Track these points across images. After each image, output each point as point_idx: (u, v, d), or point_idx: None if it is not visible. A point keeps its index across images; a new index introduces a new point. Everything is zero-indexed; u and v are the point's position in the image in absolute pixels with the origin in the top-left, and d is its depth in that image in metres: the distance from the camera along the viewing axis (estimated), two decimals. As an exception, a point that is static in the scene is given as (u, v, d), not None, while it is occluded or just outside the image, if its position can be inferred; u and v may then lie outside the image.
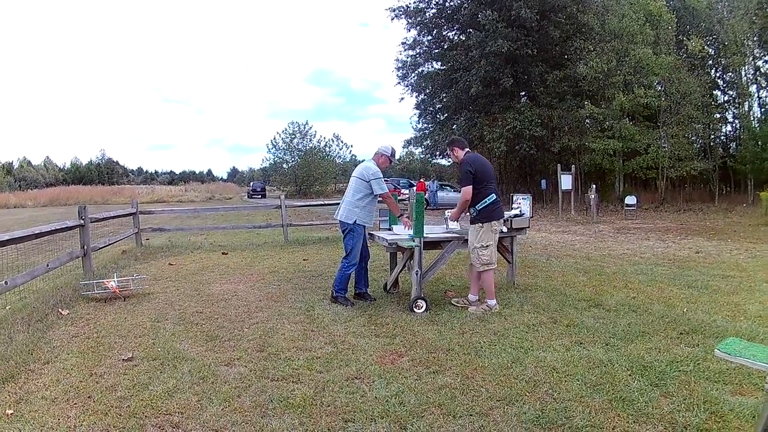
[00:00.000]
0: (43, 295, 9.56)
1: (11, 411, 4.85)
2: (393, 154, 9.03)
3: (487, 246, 7.92)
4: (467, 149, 8.36)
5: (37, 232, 9.56)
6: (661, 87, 33.81)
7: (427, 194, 8.81)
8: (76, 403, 4.98)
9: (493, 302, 7.95)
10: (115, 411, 4.79)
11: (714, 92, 36.69)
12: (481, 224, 7.95)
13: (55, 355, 6.38)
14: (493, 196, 7.97)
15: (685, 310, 7.79)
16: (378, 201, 9.03)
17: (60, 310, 8.45)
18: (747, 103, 34.82)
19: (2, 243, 8.24)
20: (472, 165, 7.96)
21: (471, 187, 7.85)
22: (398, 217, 9.05)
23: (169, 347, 6.48)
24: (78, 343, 6.84)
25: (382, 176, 8.76)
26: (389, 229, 9.43)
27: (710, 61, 37.18)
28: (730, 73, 36.24)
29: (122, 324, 7.64)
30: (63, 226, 10.76)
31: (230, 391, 5.12)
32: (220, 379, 5.43)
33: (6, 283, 8.00)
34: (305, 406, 4.78)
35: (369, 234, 9.41)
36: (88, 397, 5.10)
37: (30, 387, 5.40)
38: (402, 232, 8.82)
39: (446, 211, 8.93)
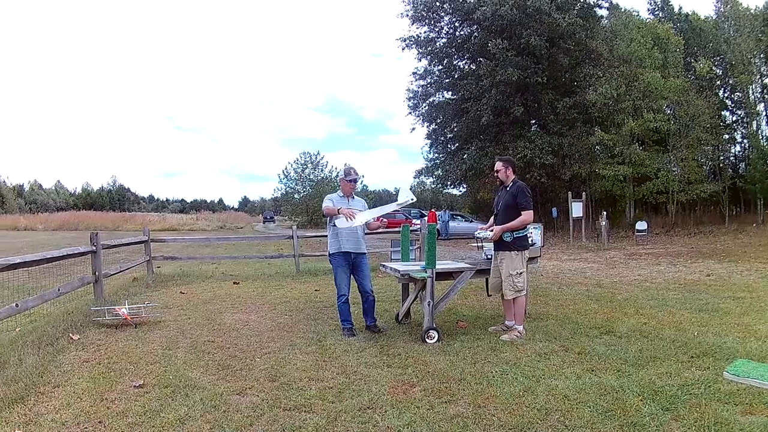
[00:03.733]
0: (53, 319, 9.60)
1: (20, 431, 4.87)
2: (347, 173, 8.94)
3: (521, 273, 8.03)
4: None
5: (48, 256, 9.62)
6: (670, 110, 33.93)
7: (438, 224, 8.72)
8: (86, 428, 4.99)
9: (521, 327, 8.02)
10: (126, 437, 4.77)
11: (722, 113, 36.82)
12: (517, 251, 8.06)
13: (66, 379, 6.39)
14: (529, 228, 8.20)
15: (695, 334, 7.82)
16: (369, 230, 9.00)
17: (71, 334, 8.47)
18: (755, 122, 35.06)
19: (15, 266, 8.30)
20: (530, 192, 8.21)
21: (532, 211, 8.04)
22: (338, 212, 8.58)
23: (180, 375, 6.46)
24: (89, 368, 6.85)
25: (327, 198, 8.84)
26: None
27: (718, 82, 37.41)
28: (738, 93, 36.51)
29: (133, 351, 7.64)
30: (75, 252, 10.80)
31: (242, 420, 5.10)
32: (232, 407, 5.40)
33: (17, 305, 8.06)
34: (318, 435, 4.74)
35: (381, 265, 9.40)
36: (99, 421, 5.11)
37: (40, 409, 5.42)
38: (345, 224, 8.46)
39: (479, 231, 8.76)
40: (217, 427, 4.95)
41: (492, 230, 8.24)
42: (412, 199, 8.93)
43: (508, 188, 8.26)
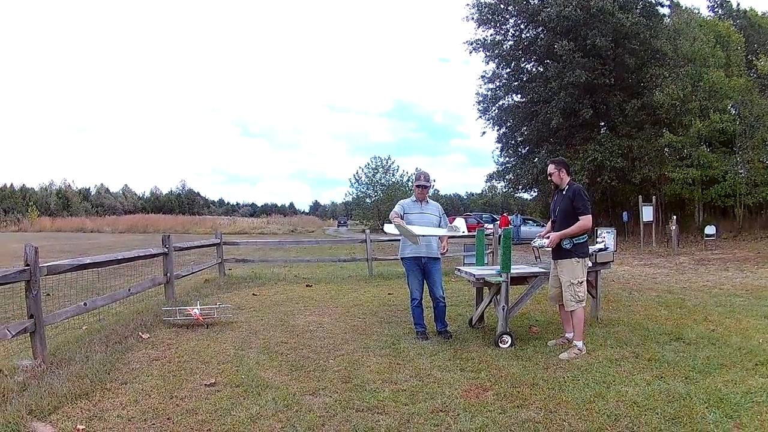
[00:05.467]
0: (122, 318, 9.80)
1: (83, 426, 4.97)
2: (417, 178, 9.12)
3: (582, 282, 7.64)
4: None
5: (120, 257, 9.81)
6: (735, 110, 33.20)
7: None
8: (154, 424, 5.08)
9: (581, 344, 7.54)
10: (195, 434, 4.86)
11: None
12: (578, 259, 7.63)
13: (134, 377, 6.52)
14: (588, 234, 7.77)
15: (760, 341, 7.75)
16: (450, 236, 8.99)
17: (140, 333, 8.62)
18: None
19: (84, 266, 8.51)
20: (588, 195, 7.83)
21: (591, 216, 7.65)
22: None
23: (252, 375, 6.53)
24: (158, 367, 6.98)
25: (399, 203, 8.94)
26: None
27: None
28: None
29: (205, 350, 7.75)
30: (147, 254, 11.01)
31: (314, 419, 5.14)
32: (305, 407, 5.45)
33: (85, 304, 8.24)
34: (390, 437, 4.76)
35: (456, 269, 9.45)
36: (168, 418, 5.20)
37: (105, 405, 5.53)
38: (392, 231, 8.79)
39: (536, 239, 8.27)
40: (289, 426, 5.00)
41: (549, 237, 7.87)
42: (463, 232, 9.03)
43: (564, 192, 7.82)
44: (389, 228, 8.68)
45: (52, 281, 9.27)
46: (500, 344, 7.71)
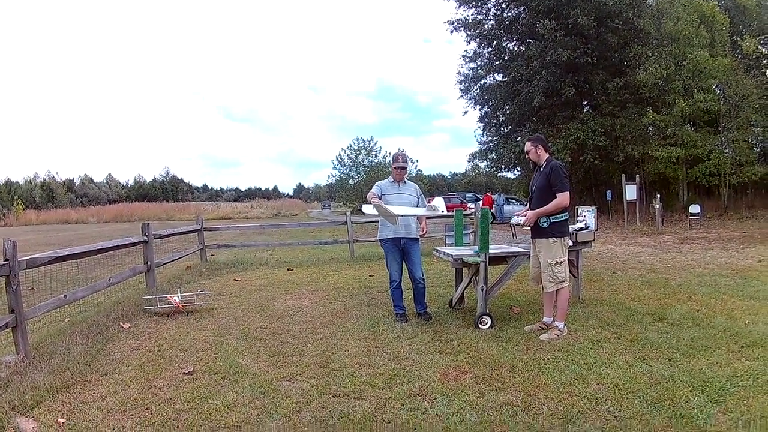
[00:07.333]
0: (104, 309, 9.71)
1: (63, 420, 4.95)
2: (394, 159, 9.03)
3: (561, 262, 7.41)
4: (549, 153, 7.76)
5: (99, 247, 9.69)
6: (720, 90, 33.20)
7: (493, 208, 8.52)
8: (132, 414, 5.06)
9: (563, 325, 7.43)
10: (173, 423, 4.85)
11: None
12: (555, 238, 7.41)
13: (114, 367, 6.49)
14: (567, 213, 7.55)
15: (746, 323, 7.67)
16: (427, 217, 8.92)
17: (121, 323, 8.58)
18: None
19: (62, 258, 8.36)
20: (567, 172, 7.54)
21: (568, 193, 7.39)
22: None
23: (231, 362, 6.51)
24: (138, 356, 6.95)
25: (376, 184, 8.86)
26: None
27: (765, 61, 36.44)
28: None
29: (184, 338, 7.73)
30: (126, 243, 10.89)
31: (291, 406, 5.13)
32: (282, 394, 5.43)
33: (65, 296, 8.13)
34: (365, 422, 4.76)
35: (435, 249, 9.41)
36: (146, 408, 5.18)
37: (85, 397, 5.52)
38: (371, 212, 8.57)
39: (514, 216, 8.08)
40: (265, 413, 4.99)
41: (525, 215, 7.68)
42: (442, 211, 8.91)
43: (542, 169, 7.58)
44: (368, 209, 8.56)
45: (36, 274, 9.20)
46: (480, 325, 7.67)
